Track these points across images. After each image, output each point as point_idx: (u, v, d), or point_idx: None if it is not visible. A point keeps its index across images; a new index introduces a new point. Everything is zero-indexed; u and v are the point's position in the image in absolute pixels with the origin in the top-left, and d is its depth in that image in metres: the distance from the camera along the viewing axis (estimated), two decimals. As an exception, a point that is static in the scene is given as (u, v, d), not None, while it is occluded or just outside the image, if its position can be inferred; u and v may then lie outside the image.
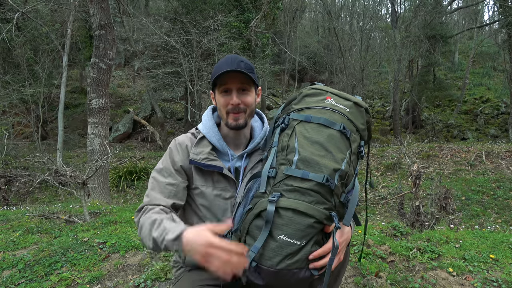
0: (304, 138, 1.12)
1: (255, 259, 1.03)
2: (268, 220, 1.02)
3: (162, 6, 16.45)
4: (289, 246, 1.02)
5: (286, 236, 1.01)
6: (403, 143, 7.93)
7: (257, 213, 1.06)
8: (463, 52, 24.11)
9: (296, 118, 1.18)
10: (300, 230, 1.02)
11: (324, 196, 1.05)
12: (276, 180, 1.09)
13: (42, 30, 12.01)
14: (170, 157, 1.36)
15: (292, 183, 1.06)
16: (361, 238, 2.88)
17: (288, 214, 1.02)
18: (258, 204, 1.07)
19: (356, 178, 1.16)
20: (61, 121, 10.99)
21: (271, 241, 1.02)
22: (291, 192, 1.05)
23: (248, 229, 1.08)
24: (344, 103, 1.20)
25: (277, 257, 1.02)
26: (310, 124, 1.15)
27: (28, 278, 2.40)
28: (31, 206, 6.72)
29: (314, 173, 1.05)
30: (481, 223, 5.96)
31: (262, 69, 11.64)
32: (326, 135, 1.12)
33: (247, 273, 1.05)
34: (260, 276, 1.04)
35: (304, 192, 1.04)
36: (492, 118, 16.31)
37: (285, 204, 1.03)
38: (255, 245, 1.02)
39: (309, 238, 1.03)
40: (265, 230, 1.02)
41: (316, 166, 1.06)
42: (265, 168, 1.13)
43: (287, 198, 1.04)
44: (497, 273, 2.33)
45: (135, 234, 3.22)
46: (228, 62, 1.27)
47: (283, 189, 1.06)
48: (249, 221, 1.08)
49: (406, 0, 20.50)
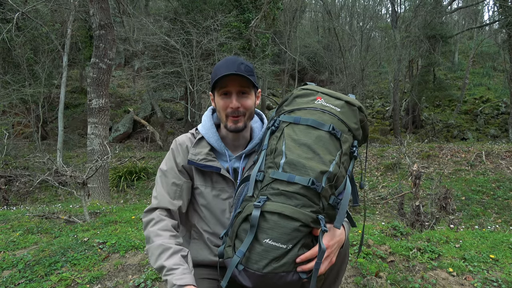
0: (291, 140, 1.11)
1: (242, 263, 1.03)
2: (253, 224, 1.02)
3: (162, 6, 16.45)
4: (275, 250, 1.01)
5: (272, 240, 1.01)
6: (403, 143, 7.92)
7: (244, 216, 1.07)
8: (463, 52, 24.11)
9: (286, 120, 1.17)
10: (286, 233, 1.01)
11: (310, 199, 1.04)
12: (263, 183, 1.09)
13: (42, 30, 12.01)
14: (173, 158, 1.38)
15: (279, 187, 1.05)
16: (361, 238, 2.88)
17: (273, 218, 1.02)
18: (246, 208, 1.08)
19: (347, 179, 1.14)
20: (61, 121, 10.99)
21: (256, 245, 1.02)
22: (277, 196, 1.05)
23: (237, 232, 1.09)
24: (335, 103, 1.18)
25: (263, 261, 1.02)
26: (298, 126, 1.14)
27: (28, 278, 2.40)
28: (31, 206, 6.72)
29: (300, 176, 1.04)
30: (481, 223, 5.96)
31: (262, 69, 11.64)
32: (314, 136, 1.11)
33: (236, 276, 1.05)
34: (248, 279, 1.04)
35: (290, 196, 1.04)
36: (492, 118, 16.31)
37: (270, 208, 1.02)
38: (240, 249, 1.03)
39: (296, 241, 1.03)
40: (250, 234, 1.02)
41: (303, 169, 1.05)
42: (253, 172, 1.13)
43: (273, 202, 1.04)
44: (497, 273, 2.33)
45: (135, 234, 3.22)
46: (229, 64, 1.26)
47: (269, 192, 1.06)
48: (237, 225, 1.09)
49: (406, 0, 20.52)
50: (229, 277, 1.04)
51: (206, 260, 1.34)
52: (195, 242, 1.39)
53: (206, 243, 1.35)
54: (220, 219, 1.34)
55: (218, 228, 1.34)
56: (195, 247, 1.38)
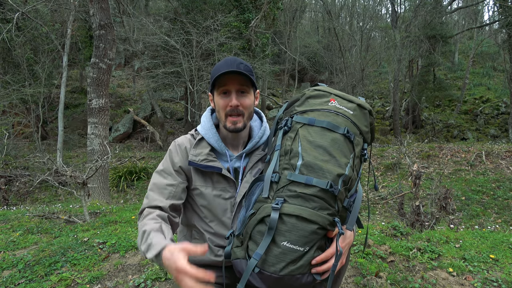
0: (307, 142, 1.10)
1: (257, 265, 1.03)
2: (271, 227, 1.01)
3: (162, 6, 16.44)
4: (292, 253, 1.01)
5: (289, 243, 1.01)
6: (403, 143, 7.93)
7: (260, 218, 1.06)
8: (463, 52, 24.11)
9: (299, 121, 1.16)
10: (304, 236, 1.01)
11: (327, 201, 1.04)
12: (279, 185, 1.08)
13: (42, 30, 12.01)
14: (170, 158, 1.37)
15: (296, 189, 1.05)
16: (361, 238, 2.88)
17: (291, 221, 1.02)
18: (261, 209, 1.07)
19: (359, 182, 1.15)
20: (61, 121, 10.99)
21: (274, 248, 1.02)
22: (294, 198, 1.04)
23: (251, 234, 1.08)
24: (348, 106, 1.18)
25: (281, 263, 1.01)
26: (313, 127, 1.13)
27: (28, 278, 2.40)
28: (31, 206, 6.72)
29: (318, 178, 1.04)
30: (481, 223, 5.96)
31: (262, 69, 11.63)
32: (330, 139, 1.10)
33: (251, 278, 1.05)
34: (262, 282, 1.04)
35: (308, 198, 1.03)
36: (492, 118, 16.31)
37: (288, 211, 1.02)
38: (257, 251, 1.02)
39: (312, 244, 1.03)
40: (267, 237, 1.01)
41: (320, 172, 1.05)
42: (267, 173, 1.11)
43: (290, 204, 1.03)
44: (497, 273, 2.33)
45: (135, 234, 3.22)
46: (228, 63, 1.27)
47: (286, 194, 1.05)
48: (252, 226, 1.08)
49: (406, 0, 20.53)
50: (246, 279, 1.03)
51: (206, 260, 1.34)
52: (196, 242, 1.39)
53: (207, 243, 1.35)
54: (221, 219, 1.33)
55: (219, 228, 1.33)
56: None
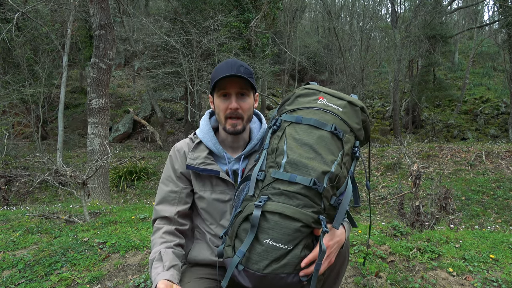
0: (293, 140, 1.10)
1: (241, 263, 1.03)
2: (253, 224, 1.01)
3: (162, 6, 16.43)
4: (275, 250, 1.00)
5: (272, 240, 1.00)
6: (403, 143, 7.93)
7: (245, 216, 1.06)
8: (463, 52, 24.11)
9: (287, 119, 1.16)
10: (287, 234, 1.00)
11: (312, 199, 1.03)
12: (264, 183, 1.08)
13: (42, 30, 12.01)
14: (170, 165, 1.40)
15: (280, 187, 1.04)
16: (361, 238, 2.88)
17: (274, 218, 1.01)
18: (247, 207, 1.07)
19: (349, 179, 1.13)
20: (61, 121, 11.00)
21: (257, 245, 1.02)
22: (278, 196, 1.04)
23: (237, 232, 1.08)
24: (338, 103, 1.18)
25: (264, 261, 1.01)
26: (300, 125, 1.13)
27: (28, 278, 2.40)
28: (31, 206, 6.72)
29: (302, 176, 1.03)
30: (481, 223, 5.97)
31: (262, 69, 11.63)
32: (316, 136, 1.10)
33: (236, 276, 1.05)
34: (248, 280, 1.04)
35: (291, 196, 1.03)
36: (492, 118, 16.31)
37: (271, 208, 1.01)
38: (240, 249, 1.02)
39: (297, 242, 1.02)
40: (250, 234, 1.01)
41: (304, 169, 1.04)
42: (254, 171, 1.12)
43: (274, 202, 1.03)
44: (497, 273, 2.33)
45: (135, 234, 3.23)
46: (228, 66, 1.27)
47: (270, 192, 1.05)
48: (237, 224, 1.08)
49: (406, 0, 20.53)
50: (229, 277, 1.04)
51: (207, 260, 1.35)
52: (198, 242, 1.41)
53: (208, 243, 1.37)
54: (221, 222, 1.35)
55: (219, 230, 1.35)
56: (198, 247, 1.40)
